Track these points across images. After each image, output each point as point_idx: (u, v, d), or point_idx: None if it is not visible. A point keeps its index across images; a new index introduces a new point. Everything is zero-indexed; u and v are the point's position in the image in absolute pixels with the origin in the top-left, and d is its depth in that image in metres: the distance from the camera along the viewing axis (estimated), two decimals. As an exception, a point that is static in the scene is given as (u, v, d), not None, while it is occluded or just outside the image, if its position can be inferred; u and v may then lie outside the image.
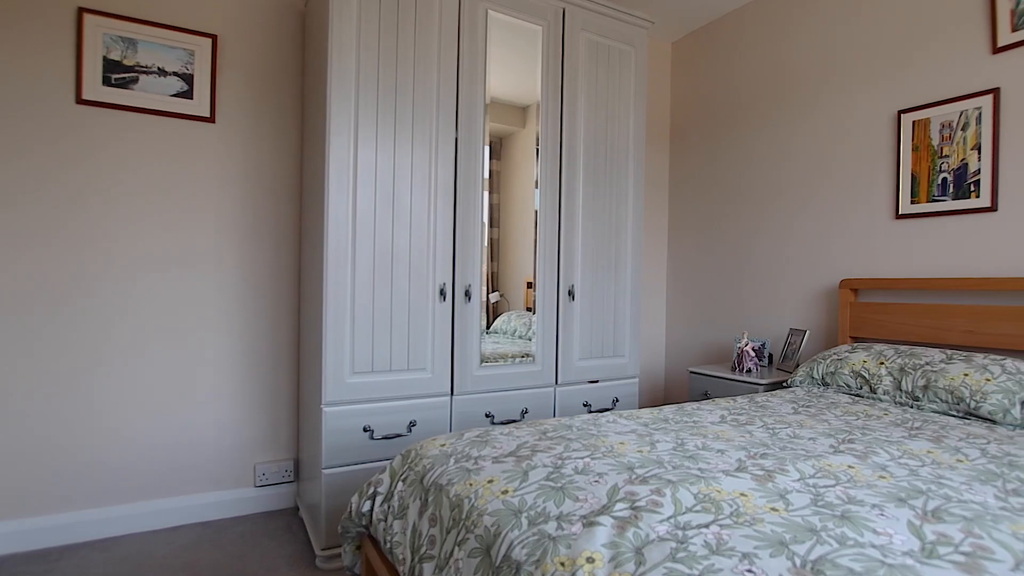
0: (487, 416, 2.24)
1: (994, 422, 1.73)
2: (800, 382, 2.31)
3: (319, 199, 2.00)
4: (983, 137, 2.17)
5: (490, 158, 2.27)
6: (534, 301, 2.36)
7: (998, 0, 2.12)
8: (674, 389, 3.55)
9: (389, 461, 1.90)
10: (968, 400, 1.79)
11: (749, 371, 2.65)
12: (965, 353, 1.98)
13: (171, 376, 2.29)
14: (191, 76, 2.27)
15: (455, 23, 2.13)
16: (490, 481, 1.21)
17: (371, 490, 1.54)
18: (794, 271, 2.85)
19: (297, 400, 2.52)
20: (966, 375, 1.84)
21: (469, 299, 2.18)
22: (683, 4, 3.14)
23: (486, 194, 2.24)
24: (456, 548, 1.12)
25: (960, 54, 2.25)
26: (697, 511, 1.00)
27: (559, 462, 1.27)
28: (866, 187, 2.55)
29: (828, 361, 2.25)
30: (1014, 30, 2.09)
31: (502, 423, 2.27)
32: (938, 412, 1.86)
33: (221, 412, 2.38)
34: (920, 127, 2.35)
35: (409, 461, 1.49)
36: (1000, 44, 2.12)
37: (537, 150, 2.35)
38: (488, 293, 2.30)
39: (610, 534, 0.94)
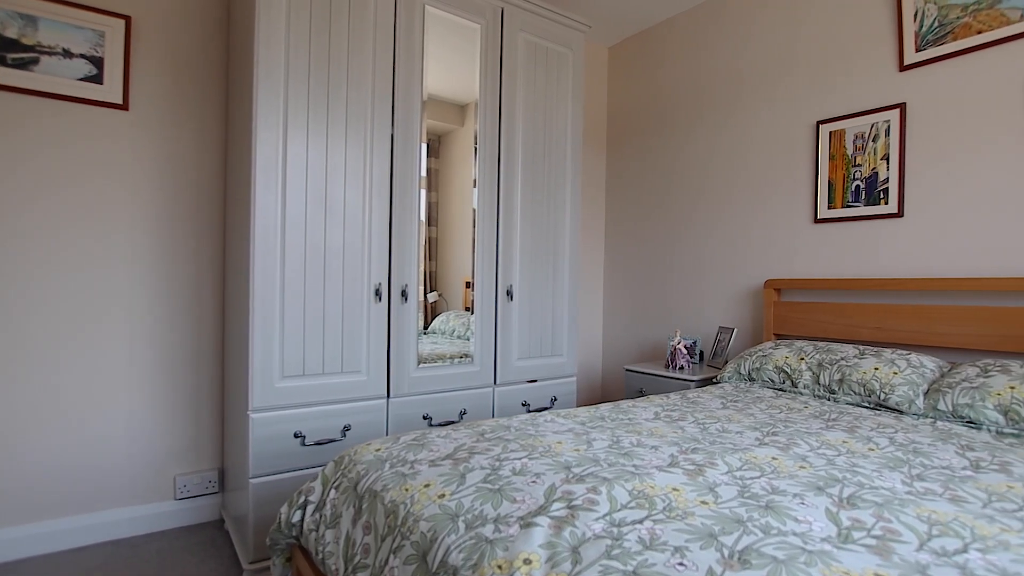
0: (425, 418, 2.20)
1: (901, 412, 1.86)
2: (729, 378, 2.41)
3: (245, 194, 1.90)
4: (891, 148, 2.33)
5: (428, 156, 2.24)
6: (472, 301, 2.34)
7: (904, 22, 2.29)
8: (611, 387, 3.62)
9: (321, 468, 1.83)
10: (878, 392, 1.92)
11: (682, 368, 2.73)
12: (875, 349, 2.12)
13: (81, 382, 2.11)
14: (101, 59, 2.10)
15: (391, 17, 2.08)
16: (427, 485, 1.19)
17: (302, 499, 1.47)
18: (723, 272, 2.98)
19: (222, 406, 2.38)
20: (876, 369, 1.98)
21: (406, 299, 2.13)
22: (618, 10, 3.21)
23: (423, 192, 2.20)
24: (391, 556, 1.08)
25: (872, 70, 2.41)
26: (632, 508, 1.02)
27: (497, 463, 1.26)
28: (788, 192, 2.69)
29: (754, 358, 2.36)
30: (918, 50, 2.26)
31: (440, 425, 2.24)
32: (852, 404, 1.98)
33: (137, 421, 2.22)
34: (836, 137, 2.51)
35: (342, 467, 1.44)
36: (906, 63, 2.29)
37: (475, 149, 2.33)
38: (426, 293, 2.27)
39: (547, 534, 0.93)
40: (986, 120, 2.09)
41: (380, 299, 2.07)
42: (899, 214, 2.31)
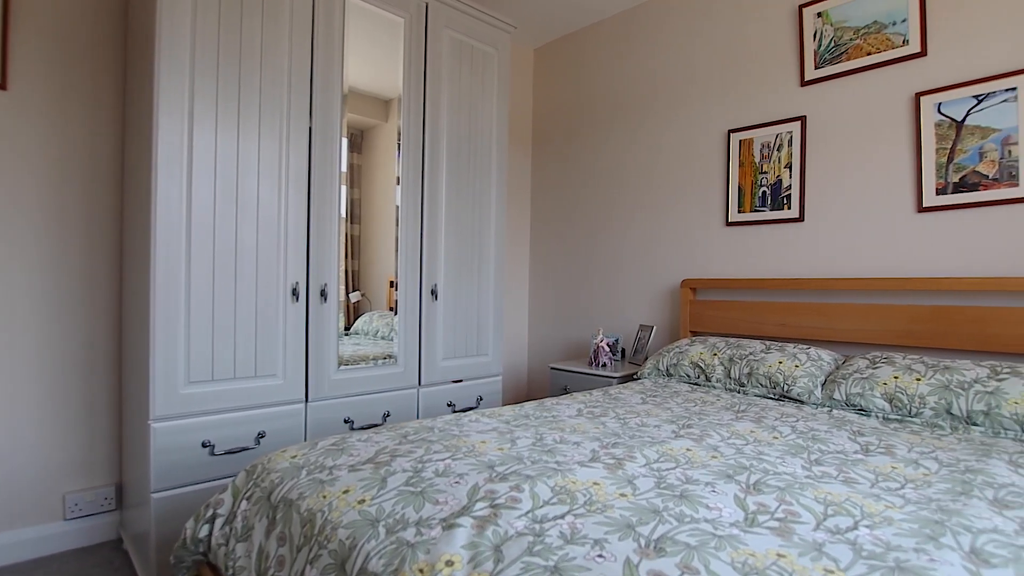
0: (346, 422, 2.13)
1: (802, 402, 2.00)
2: (648, 374, 2.50)
3: (145, 185, 1.76)
4: (794, 157, 2.51)
5: (350, 151, 2.17)
6: (396, 300, 2.29)
7: (805, 41, 2.47)
8: (536, 385, 3.66)
9: (232, 479, 1.72)
10: (782, 384, 2.06)
11: (604, 365, 2.81)
12: (780, 344, 2.27)
13: (-55, 395, 1.87)
14: (-27, 32, 1.88)
15: (309, 4, 1.99)
16: (346, 491, 1.15)
17: (209, 512, 1.38)
18: (643, 271, 3.09)
19: (119, 416, 2.19)
20: (780, 363, 2.11)
21: (325, 299, 2.05)
22: (544, 13, 3.26)
23: (345, 188, 2.13)
24: (308, 567, 1.04)
25: (777, 84, 2.58)
26: (554, 503, 1.03)
27: (419, 466, 1.24)
28: (703, 196, 2.83)
29: (671, 354, 2.46)
30: (817, 67, 2.44)
31: (362, 428, 2.17)
32: (760, 396, 2.11)
33: (20, 434, 2.00)
34: (745, 146, 2.67)
35: (255, 477, 1.36)
36: (807, 78, 2.47)
37: (399, 145, 2.28)
38: (348, 292, 2.19)
39: (469, 535, 0.93)
40: (875, 133, 2.29)
41: (297, 299, 1.98)
42: (800, 219, 2.48)
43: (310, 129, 2.01)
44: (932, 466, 1.30)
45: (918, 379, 1.80)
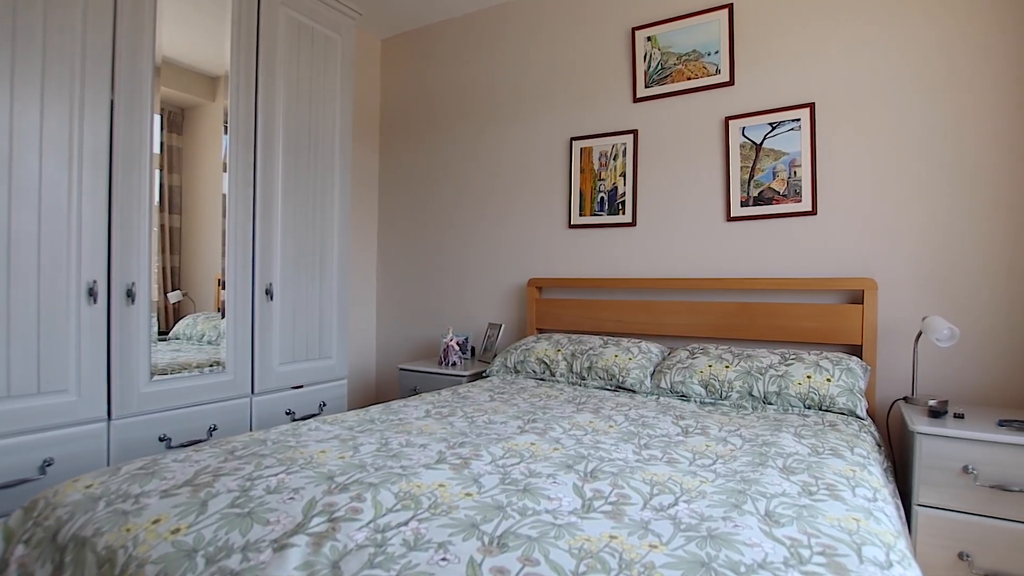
0: (162, 440, 1.87)
1: (635, 392, 2.18)
2: (497, 371, 2.55)
3: None
4: (627, 167, 2.72)
5: (168, 131, 1.91)
6: (224, 301, 2.07)
7: (637, 61, 2.69)
8: (386, 387, 3.56)
9: (3, 520, 1.42)
10: (617, 376, 2.22)
11: (454, 364, 2.81)
12: (616, 339, 2.45)
13: None
14: None
15: (113, -43, 1.72)
16: (156, 521, 1.00)
17: (-34, 564, 1.12)
18: (491, 270, 3.14)
19: None
20: (616, 356, 2.28)
21: (133, 300, 1.78)
22: (391, 2, 3.17)
23: (159, 172, 1.87)
24: (102, 615, 0.88)
25: (614, 98, 2.78)
26: (397, 510, 0.99)
27: (248, 484, 1.12)
28: (548, 198, 2.96)
29: (519, 351, 2.54)
30: (646, 86, 2.68)
31: (182, 446, 1.92)
32: (599, 388, 2.26)
33: None
34: (586, 153, 2.84)
35: (35, 515, 1.13)
36: (638, 96, 2.70)
37: (226, 126, 2.06)
38: (166, 292, 1.93)
39: (304, 554, 0.86)
40: (694, 149, 2.57)
41: (95, 300, 1.69)
42: (633, 223, 2.70)
43: (112, 102, 1.72)
44: (737, 442, 1.48)
45: (727, 367, 2.05)
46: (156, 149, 1.85)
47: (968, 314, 2.04)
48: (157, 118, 1.85)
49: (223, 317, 2.06)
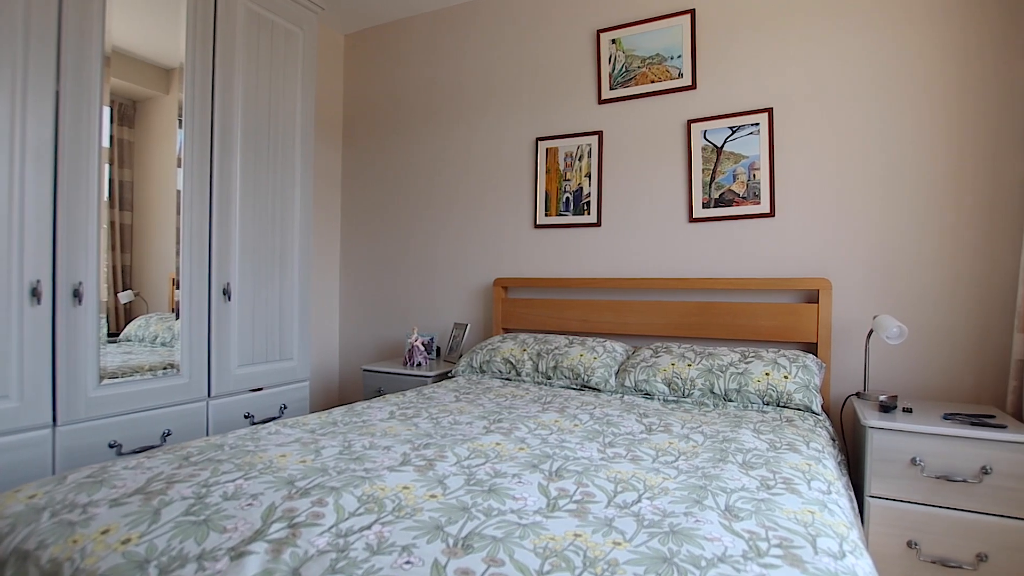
0: (112, 447, 1.79)
1: (600, 390, 2.20)
2: (462, 371, 2.53)
3: None
4: (592, 168, 2.74)
5: (120, 124, 1.83)
6: (178, 302, 2.00)
7: (602, 63, 2.71)
8: (349, 388, 3.50)
9: (-64, 532, 1.34)
10: (583, 375, 2.23)
11: (419, 365, 2.78)
12: (581, 338, 2.47)
13: None
14: None
15: (59, -59, 1.64)
16: (105, 532, 0.95)
17: None
18: (457, 270, 3.13)
19: None
20: (581, 355, 2.30)
21: (80, 300, 1.70)
22: None
23: (108, 167, 1.79)
24: (45, 631, 0.84)
25: (579, 99, 2.80)
26: (360, 514, 0.97)
27: (204, 491, 1.08)
28: (514, 198, 2.96)
29: (484, 351, 2.53)
30: (611, 88, 2.70)
31: (133, 453, 1.85)
32: (564, 387, 2.27)
33: None
34: (551, 154, 2.85)
35: (-31, 527, 1.07)
36: (603, 97, 2.72)
37: (180, 120, 1.99)
38: (116, 292, 1.85)
39: (263, 561, 0.83)
40: (657, 151, 2.61)
41: (39, 301, 1.61)
42: (598, 224, 2.73)
43: (57, 92, 1.64)
44: (699, 439, 1.51)
45: (689, 365, 2.09)
46: (105, 143, 1.77)
47: (916, 313, 2.13)
48: (107, 110, 1.77)
49: (177, 318, 1.99)
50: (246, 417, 2.23)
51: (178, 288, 2.00)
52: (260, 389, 2.28)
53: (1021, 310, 1.84)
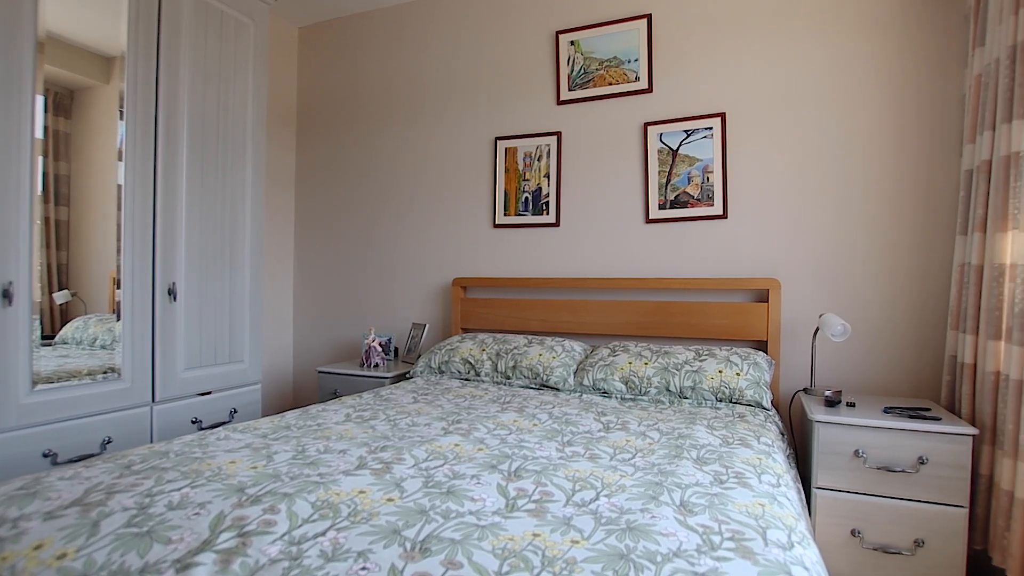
0: (46, 456, 1.69)
1: (558, 389, 2.21)
2: (421, 372, 2.50)
3: None
4: (551, 168, 2.76)
5: (55, 114, 1.73)
6: (119, 302, 1.90)
7: (561, 64, 2.73)
8: (303, 391, 3.41)
9: None
10: (542, 375, 2.24)
11: (376, 366, 2.74)
12: (540, 337, 2.48)
13: None
14: None
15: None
16: (38, 547, 0.90)
17: None
18: (415, 269, 3.09)
19: None
20: (540, 355, 2.30)
21: (10, 301, 1.59)
22: (313, -7, 3.05)
23: (42, 160, 1.69)
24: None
25: (538, 99, 2.81)
26: (315, 520, 0.95)
27: (147, 500, 1.03)
28: (473, 197, 2.95)
29: (443, 351, 2.51)
30: (570, 89, 2.72)
31: (71, 462, 1.75)
32: (523, 387, 2.27)
33: None
34: (511, 153, 2.85)
35: None
36: (562, 98, 2.74)
37: (122, 111, 1.89)
38: (51, 292, 1.75)
39: (211, 572, 0.80)
40: (615, 153, 2.65)
41: (-35, 301, 1.50)
42: (557, 224, 2.75)
43: (-15, 79, 1.54)
44: (655, 436, 1.53)
45: (646, 363, 2.12)
46: (39, 134, 1.67)
47: (859, 311, 2.23)
48: (40, 99, 1.67)
49: (118, 319, 1.90)
50: (193, 422, 2.14)
51: (119, 288, 1.90)
52: (209, 393, 2.20)
53: (954, 309, 1.95)
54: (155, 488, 1.08)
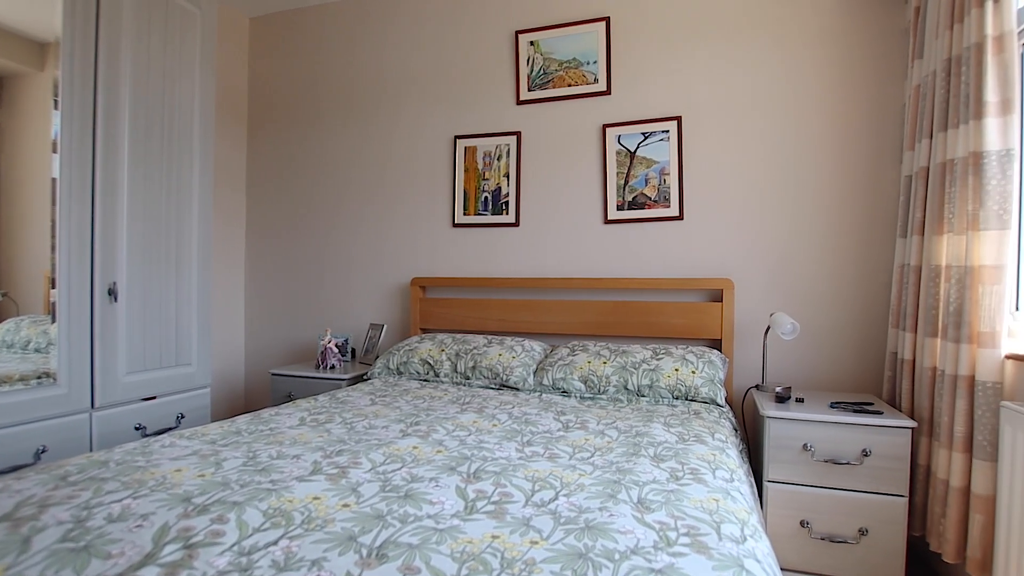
0: (-28, 467, 1.58)
1: (518, 389, 2.21)
2: (379, 373, 2.46)
3: None
4: (511, 167, 2.76)
5: (-20, 104, 1.62)
6: (54, 302, 1.79)
7: (520, 64, 2.73)
8: (256, 395, 3.31)
9: None
10: (501, 375, 2.24)
11: (333, 367, 2.67)
12: (500, 337, 2.47)
13: None
14: None
15: None
16: (-42, 566, 0.83)
17: None
18: (373, 269, 3.04)
19: None
20: (500, 355, 2.30)
21: (-69, 302, 1.49)
22: (266, -16, 2.95)
23: (-33, 152, 1.58)
24: None
25: (498, 99, 2.80)
26: (266, 529, 0.91)
27: (84, 513, 0.97)
28: (431, 196, 2.92)
29: (401, 352, 2.47)
30: (529, 90, 2.73)
31: (1, 473, 1.64)
32: (483, 387, 2.26)
33: None
34: (470, 152, 2.83)
35: None
36: (522, 98, 2.74)
37: (56, 101, 1.79)
38: (-23, 293, 1.64)
39: (153, 587, 0.76)
40: (574, 153, 2.67)
41: None
42: (516, 223, 2.75)
43: (-99, 63, 1.42)
44: (613, 434, 1.55)
45: (604, 362, 2.14)
46: (-38, 123, 1.56)
47: (808, 310, 2.32)
48: (-37, 86, 1.56)
49: (54, 321, 1.79)
50: (137, 429, 2.04)
51: (54, 287, 1.79)
52: (153, 398, 2.10)
53: (895, 308, 2.05)
54: (93, 500, 1.02)
